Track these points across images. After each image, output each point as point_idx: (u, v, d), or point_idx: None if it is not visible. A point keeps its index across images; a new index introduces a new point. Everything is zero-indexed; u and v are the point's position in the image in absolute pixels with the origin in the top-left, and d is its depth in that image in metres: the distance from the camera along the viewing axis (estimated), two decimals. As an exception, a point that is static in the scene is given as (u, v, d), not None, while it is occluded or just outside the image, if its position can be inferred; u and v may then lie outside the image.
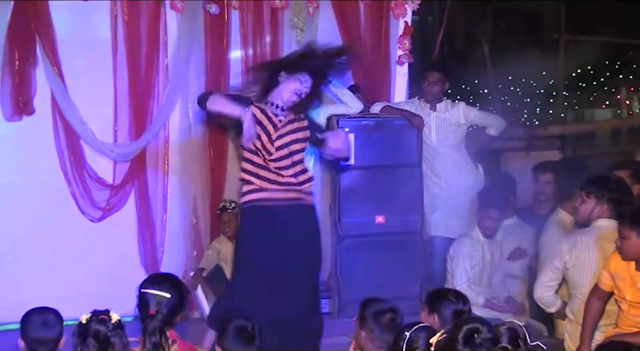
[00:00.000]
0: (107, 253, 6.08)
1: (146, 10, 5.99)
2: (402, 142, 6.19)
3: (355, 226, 6.10)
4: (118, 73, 5.98)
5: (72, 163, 5.96)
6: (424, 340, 3.16)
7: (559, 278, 4.95)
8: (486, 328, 2.84)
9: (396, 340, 3.34)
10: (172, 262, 6.16)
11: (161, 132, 6.14)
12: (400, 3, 6.49)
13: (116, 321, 3.36)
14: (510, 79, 12.83)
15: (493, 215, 5.73)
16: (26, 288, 5.75)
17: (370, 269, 6.06)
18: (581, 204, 4.85)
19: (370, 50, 6.53)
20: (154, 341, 3.49)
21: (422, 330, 3.33)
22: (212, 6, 6.07)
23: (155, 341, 3.49)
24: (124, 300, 4.58)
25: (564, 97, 13.81)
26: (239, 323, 3.85)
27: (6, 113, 5.82)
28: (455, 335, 2.83)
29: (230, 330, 3.81)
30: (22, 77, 5.77)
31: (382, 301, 4.05)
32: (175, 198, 6.22)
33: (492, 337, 2.81)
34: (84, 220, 6.04)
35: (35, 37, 5.78)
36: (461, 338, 2.78)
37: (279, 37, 6.30)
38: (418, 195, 6.20)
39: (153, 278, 3.83)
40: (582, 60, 13.61)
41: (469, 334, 2.79)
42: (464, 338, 2.78)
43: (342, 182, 6.07)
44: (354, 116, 6.07)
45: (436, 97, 6.36)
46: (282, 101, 4.83)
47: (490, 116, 6.69)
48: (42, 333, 3.60)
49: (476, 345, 2.78)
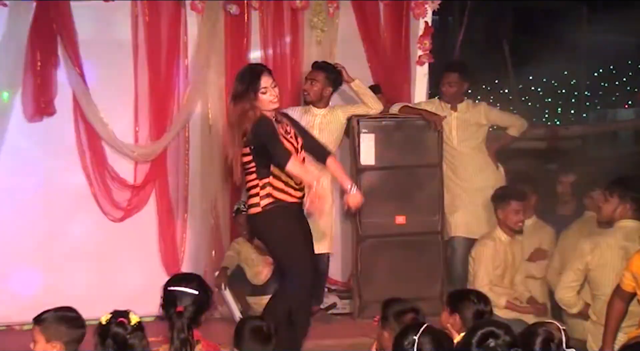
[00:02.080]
0: (128, 253, 6.10)
1: (167, 11, 6.02)
2: (422, 142, 6.18)
3: (375, 226, 6.09)
4: (139, 73, 6.01)
5: (93, 163, 5.99)
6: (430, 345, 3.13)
7: (581, 279, 4.92)
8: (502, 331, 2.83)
9: (400, 341, 3.25)
10: (192, 262, 6.19)
11: (181, 132, 6.16)
12: (420, 3, 6.48)
13: (136, 323, 3.37)
14: (531, 79, 12.76)
15: (515, 207, 5.66)
16: (48, 288, 5.78)
17: (391, 269, 6.06)
18: (604, 204, 4.82)
19: (391, 51, 6.52)
20: (182, 338, 3.50)
21: (428, 332, 3.24)
22: (232, 7, 6.08)
23: (183, 337, 3.50)
24: (145, 300, 4.60)
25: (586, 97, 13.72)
26: (254, 323, 3.85)
27: (28, 114, 5.85)
28: (470, 338, 2.83)
29: (246, 330, 3.81)
30: (43, 77, 5.81)
31: (404, 301, 4.04)
32: (196, 198, 6.24)
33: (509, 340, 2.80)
34: (105, 220, 6.06)
35: (57, 38, 5.82)
36: (475, 342, 2.79)
37: (298, 38, 6.30)
38: (438, 196, 6.19)
39: (179, 277, 3.86)
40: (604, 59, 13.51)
41: (482, 338, 2.79)
42: (477, 342, 2.78)
43: (363, 183, 6.06)
44: (374, 116, 6.06)
45: (454, 98, 6.32)
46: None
47: (512, 116, 6.66)
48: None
49: (490, 348, 2.78)
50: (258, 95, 4.69)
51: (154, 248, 6.16)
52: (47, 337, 3.53)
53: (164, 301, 3.63)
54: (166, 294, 3.64)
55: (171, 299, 3.60)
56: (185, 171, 6.20)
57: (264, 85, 4.70)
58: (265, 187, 4.72)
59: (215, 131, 6.19)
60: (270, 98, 4.71)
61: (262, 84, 4.70)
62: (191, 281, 3.67)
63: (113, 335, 3.33)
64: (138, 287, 5.87)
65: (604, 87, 14.95)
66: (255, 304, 6.01)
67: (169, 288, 3.66)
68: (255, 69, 4.87)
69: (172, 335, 3.52)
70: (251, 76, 4.74)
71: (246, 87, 4.69)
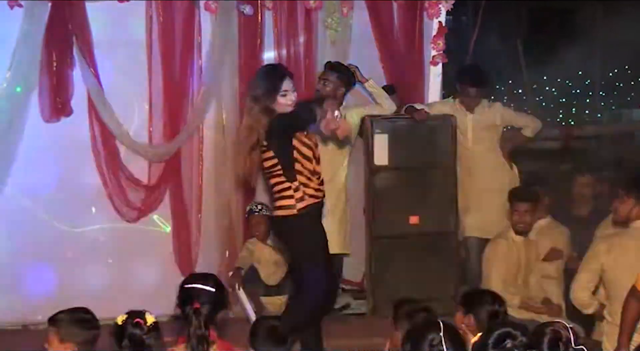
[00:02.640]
0: (142, 253, 6.12)
1: (181, 11, 6.03)
2: (436, 142, 6.18)
3: (389, 226, 6.09)
4: (153, 74, 6.03)
5: (108, 163, 6.02)
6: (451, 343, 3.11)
7: (596, 279, 4.90)
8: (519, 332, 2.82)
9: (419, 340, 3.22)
10: (206, 262, 6.19)
11: (195, 132, 6.17)
12: (434, 3, 6.46)
13: (152, 323, 3.38)
14: (546, 79, 12.72)
15: (520, 208, 5.64)
16: (62, 288, 5.81)
17: (405, 270, 6.06)
18: (620, 204, 4.80)
19: (404, 51, 6.51)
20: (199, 335, 3.49)
21: (448, 331, 3.21)
22: (246, 7, 6.09)
23: (200, 334, 3.49)
24: (159, 300, 4.62)
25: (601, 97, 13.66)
26: (270, 323, 3.85)
27: (44, 115, 5.89)
28: (486, 338, 2.82)
29: (262, 330, 3.81)
30: (59, 78, 5.84)
31: (416, 301, 4.05)
32: (210, 198, 6.25)
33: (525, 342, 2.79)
34: (119, 220, 6.09)
35: (72, 39, 5.85)
36: (491, 343, 2.78)
37: (312, 38, 6.30)
38: (452, 196, 6.18)
39: (196, 275, 3.87)
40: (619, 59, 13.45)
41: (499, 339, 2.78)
42: (494, 343, 2.77)
43: (376, 183, 6.07)
44: (388, 117, 6.06)
45: (472, 105, 6.32)
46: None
47: (527, 117, 6.65)
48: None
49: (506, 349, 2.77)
50: (277, 97, 4.62)
51: (168, 248, 6.18)
52: (61, 338, 3.55)
53: (180, 299, 3.63)
54: (183, 292, 3.65)
55: (188, 296, 3.60)
56: (199, 171, 6.21)
57: (285, 88, 4.63)
58: (298, 189, 4.64)
59: (228, 131, 6.20)
60: (288, 103, 4.64)
61: (284, 87, 4.63)
62: (208, 280, 3.68)
63: (129, 335, 3.34)
64: (152, 287, 5.90)
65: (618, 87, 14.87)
66: (269, 304, 6.02)
67: (185, 285, 3.67)
68: (278, 70, 4.81)
69: (188, 332, 3.51)
70: (273, 77, 4.67)
71: (267, 88, 4.62)
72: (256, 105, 4.60)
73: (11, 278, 5.91)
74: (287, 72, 4.78)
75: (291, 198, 4.64)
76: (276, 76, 4.67)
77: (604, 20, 12.56)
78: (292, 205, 4.64)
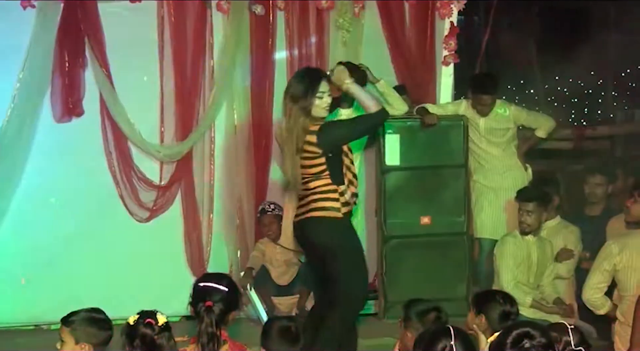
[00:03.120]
0: (153, 253, 6.13)
1: (192, 11, 6.04)
2: (447, 142, 6.16)
3: (400, 227, 6.09)
4: (165, 74, 6.05)
5: (119, 163, 6.03)
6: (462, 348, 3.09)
7: (608, 280, 4.88)
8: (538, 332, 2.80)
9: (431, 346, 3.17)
10: (218, 262, 6.20)
11: (207, 133, 6.18)
12: (446, 3, 6.45)
13: (163, 324, 3.38)
14: (558, 79, 12.67)
15: (525, 208, 5.60)
16: (74, 288, 5.83)
17: (416, 270, 6.05)
18: (633, 204, 4.78)
19: (416, 51, 6.50)
20: (210, 333, 3.49)
21: (459, 336, 3.11)
22: (258, 7, 6.09)
23: (211, 332, 3.49)
24: (171, 300, 4.63)
25: (613, 97, 13.59)
26: (282, 323, 3.84)
27: (56, 115, 5.91)
28: (504, 338, 2.80)
29: (274, 330, 3.80)
30: (71, 78, 5.86)
31: (426, 301, 4.03)
32: (221, 198, 6.25)
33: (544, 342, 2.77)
34: (131, 220, 6.10)
35: (85, 39, 5.87)
36: (509, 342, 2.76)
37: (324, 38, 6.30)
38: (464, 196, 6.17)
39: (210, 275, 3.88)
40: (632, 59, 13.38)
41: (517, 339, 2.76)
42: (512, 343, 2.75)
43: (388, 183, 6.07)
44: (400, 117, 6.05)
45: (486, 113, 6.29)
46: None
47: (540, 118, 6.59)
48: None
49: (524, 349, 2.75)
50: (314, 99, 4.54)
51: (180, 248, 6.19)
52: (77, 339, 3.55)
53: (193, 297, 3.63)
54: (196, 290, 3.65)
55: (201, 295, 3.60)
56: (211, 171, 6.22)
57: (322, 90, 4.57)
58: (344, 193, 4.59)
59: (240, 131, 6.21)
60: (323, 105, 4.58)
61: (321, 89, 4.58)
62: (221, 279, 3.69)
63: (141, 335, 3.34)
64: (164, 287, 5.91)
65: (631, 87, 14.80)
66: (281, 304, 6.03)
67: (199, 284, 3.68)
68: (316, 72, 4.77)
69: (199, 329, 3.51)
70: (311, 78, 4.60)
71: (305, 89, 4.54)
72: (295, 106, 4.54)
73: (23, 277, 5.92)
74: (325, 74, 4.72)
75: (337, 201, 4.57)
76: (314, 78, 4.60)
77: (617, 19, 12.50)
78: (337, 207, 4.57)
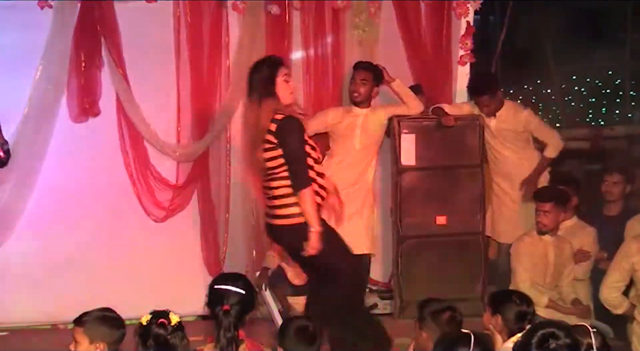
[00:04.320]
0: (170, 253, 6.15)
1: (208, 11, 6.06)
2: (463, 142, 6.15)
3: (416, 227, 6.08)
4: (181, 74, 6.05)
5: (136, 163, 6.05)
6: None
7: (626, 279, 4.86)
8: (563, 333, 2.78)
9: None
10: (234, 262, 6.21)
11: (223, 132, 6.18)
12: (462, 3, 6.42)
13: (176, 323, 3.39)
14: (575, 79, 12.61)
15: (543, 208, 5.57)
16: (90, 287, 5.85)
17: (432, 270, 6.05)
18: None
19: (432, 50, 6.48)
20: (229, 337, 3.50)
21: (478, 343, 3.13)
22: (274, 7, 6.10)
23: (230, 336, 3.50)
24: (187, 300, 4.64)
25: (631, 97, 13.52)
26: (300, 323, 3.84)
27: (73, 115, 5.93)
28: (529, 339, 2.78)
29: (292, 330, 3.80)
30: (88, 78, 5.88)
31: (440, 301, 4.02)
32: (237, 198, 6.26)
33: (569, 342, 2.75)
34: (147, 220, 6.12)
35: (101, 39, 5.89)
36: (534, 343, 2.74)
37: (340, 38, 6.29)
38: (479, 196, 6.15)
39: (226, 276, 3.88)
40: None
41: (542, 339, 2.74)
42: (537, 343, 2.73)
43: (403, 183, 6.06)
44: (415, 117, 6.04)
45: (492, 113, 6.24)
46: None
47: (549, 132, 6.37)
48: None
49: (550, 350, 2.72)
50: (277, 79, 4.52)
51: (196, 248, 6.20)
52: (91, 338, 3.57)
53: (210, 299, 3.64)
54: (212, 292, 3.65)
55: (218, 297, 3.60)
56: (227, 171, 6.22)
57: (285, 72, 4.58)
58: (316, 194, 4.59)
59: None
60: (290, 89, 4.59)
61: (284, 71, 4.59)
62: (238, 281, 3.68)
63: (154, 335, 3.35)
64: (180, 287, 5.92)
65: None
66: (297, 304, 6.01)
67: (215, 286, 3.68)
68: (273, 58, 4.77)
69: (218, 333, 3.52)
70: (270, 63, 4.61)
71: (265, 74, 4.54)
72: (255, 93, 4.55)
73: (40, 277, 5.95)
74: (282, 60, 4.75)
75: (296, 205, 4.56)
76: (273, 62, 4.64)
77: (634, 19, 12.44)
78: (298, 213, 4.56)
